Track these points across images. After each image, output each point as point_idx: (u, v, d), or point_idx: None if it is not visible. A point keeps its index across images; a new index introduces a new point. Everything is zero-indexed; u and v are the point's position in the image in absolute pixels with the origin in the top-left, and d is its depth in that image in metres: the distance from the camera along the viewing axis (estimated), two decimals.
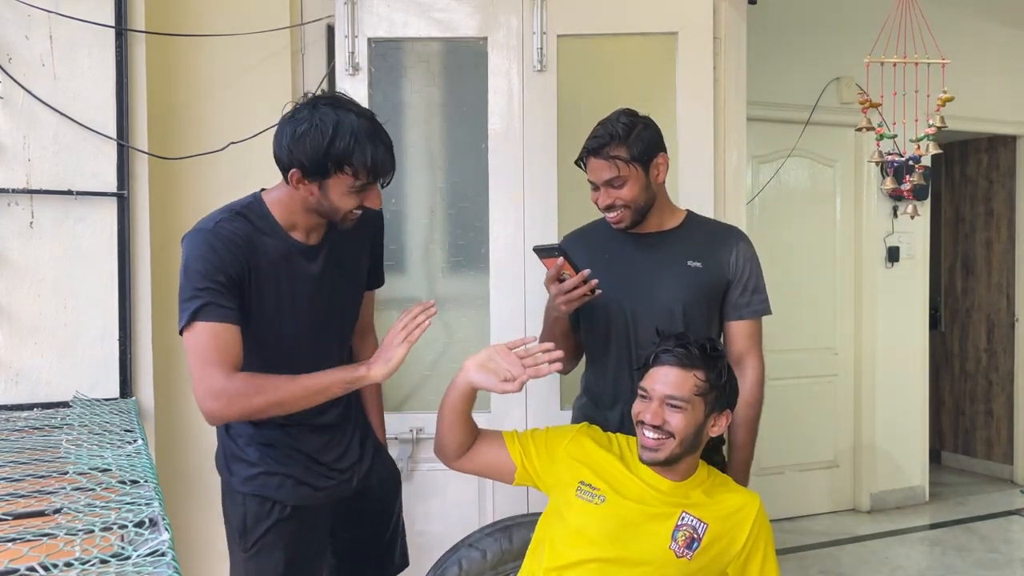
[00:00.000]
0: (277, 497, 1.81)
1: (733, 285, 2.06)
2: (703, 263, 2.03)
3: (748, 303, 2.07)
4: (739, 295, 2.06)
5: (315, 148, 1.59)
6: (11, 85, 2.14)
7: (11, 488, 1.26)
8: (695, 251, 2.05)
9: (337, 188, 1.64)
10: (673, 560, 1.73)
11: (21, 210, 2.16)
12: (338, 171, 1.61)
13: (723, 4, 2.72)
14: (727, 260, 2.06)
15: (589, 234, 2.18)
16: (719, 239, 2.09)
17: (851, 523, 4.60)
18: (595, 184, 2.00)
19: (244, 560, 1.83)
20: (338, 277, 1.82)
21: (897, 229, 4.72)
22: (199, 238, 1.67)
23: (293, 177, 1.65)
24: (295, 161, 1.62)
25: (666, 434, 1.74)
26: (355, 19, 2.61)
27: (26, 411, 2.09)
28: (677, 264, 2.03)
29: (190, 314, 1.61)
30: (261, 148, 2.69)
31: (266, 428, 1.80)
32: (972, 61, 4.75)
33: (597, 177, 1.98)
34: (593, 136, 1.98)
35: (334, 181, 1.63)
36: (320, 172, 1.62)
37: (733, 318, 2.07)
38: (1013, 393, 5.32)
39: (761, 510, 1.83)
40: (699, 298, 2.03)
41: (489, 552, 1.91)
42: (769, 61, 4.20)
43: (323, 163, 1.60)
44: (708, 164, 2.65)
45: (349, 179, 1.62)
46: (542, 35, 2.61)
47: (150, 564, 0.93)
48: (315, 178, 1.63)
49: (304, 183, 1.65)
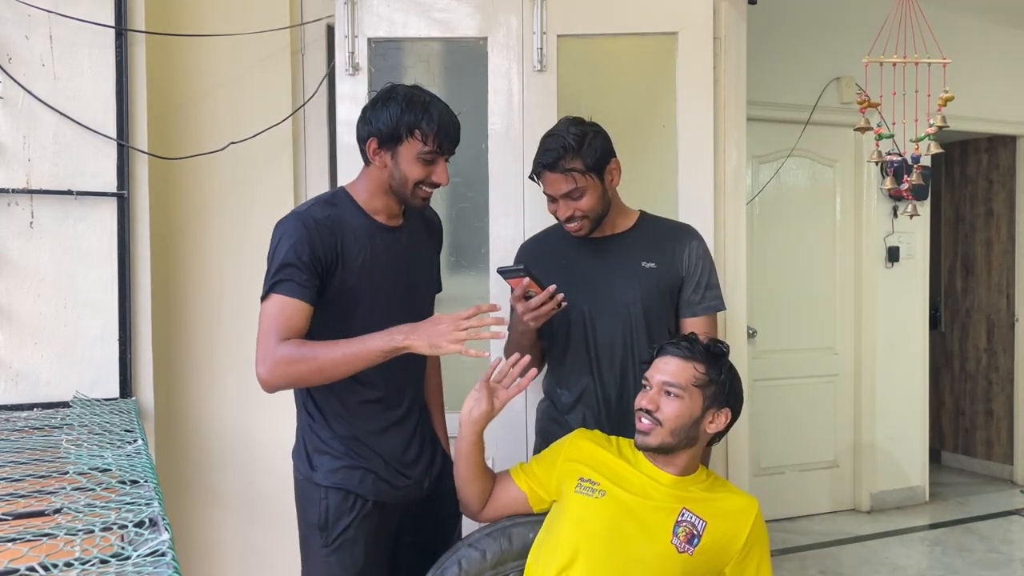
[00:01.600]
0: (359, 491, 1.86)
1: (687, 282, 2.09)
2: (657, 263, 2.07)
3: (701, 299, 2.10)
4: (692, 291, 2.10)
5: (390, 115, 1.79)
6: (11, 85, 2.14)
7: (11, 488, 1.26)
8: (648, 251, 2.08)
9: (407, 154, 1.81)
10: (675, 555, 1.74)
11: (21, 210, 2.16)
12: (409, 136, 1.79)
13: (723, 4, 2.72)
14: (680, 258, 2.09)
15: (545, 241, 2.22)
16: (671, 238, 2.12)
17: (851, 523, 4.60)
18: (553, 197, 2.02)
19: (324, 555, 1.86)
20: (416, 260, 1.97)
21: (897, 229, 4.73)
22: (290, 220, 1.82)
23: (370, 147, 1.83)
24: (372, 131, 1.82)
25: (655, 421, 1.77)
26: (355, 19, 2.61)
27: (26, 411, 2.09)
28: (632, 265, 2.06)
29: (268, 288, 1.77)
30: (261, 148, 2.70)
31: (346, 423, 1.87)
32: (972, 61, 4.76)
33: (555, 190, 2.00)
34: (546, 150, 1.99)
35: (405, 147, 1.80)
36: (394, 138, 1.80)
37: (687, 315, 2.11)
38: (1013, 393, 5.32)
39: (759, 514, 1.84)
40: (655, 297, 2.07)
41: (489, 552, 1.91)
42: (769, 61, 4.20)
43: (396, 129, 1.79)
44: (708, 164, 2.65)
45: (418, 144, 1.80)
46: (542, 35, 2.61)
47: (150, 564, 0.93)
48: (389, 145, 1.81)
49: (380, 153, 1.83)
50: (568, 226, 2.04)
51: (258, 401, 2.03)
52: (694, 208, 2.61)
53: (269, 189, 2.76)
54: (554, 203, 2.03)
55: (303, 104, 2.79)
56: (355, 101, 2.61)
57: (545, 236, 2.24)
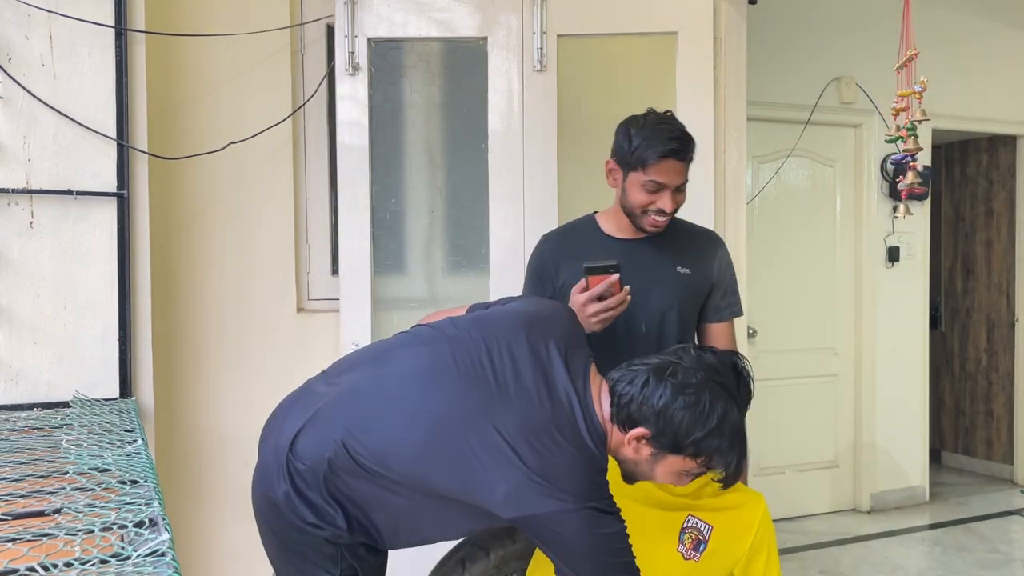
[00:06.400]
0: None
1: (716, 288, 2.10)
2: (691, 269, 2.06)
3: (727, 306, 2.13)
4: (720, 298, 2.11)
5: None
6: (11, 85, 2.14)
7: (11, 488, 1.26)
8: (681, 257, 2.07)
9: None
10: (680, 562, 1.73)
11: (21, 210, 2.16)
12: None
13: (723, 4, 2.72)
14: (711, 265, 2.09)
15: (572, 236, 2.14)
16: (702, 244, 2.12)
17: (851, 523, 4.59)
18: (661, 185, 1.93)
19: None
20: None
21: (897, 229, 4.72)
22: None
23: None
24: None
25: None
26: (355, 19, 2.61)
27: (26, 411, 2.09)
28: (667, 271, 2.04)
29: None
30: (261, 148, 2.70)
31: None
32: (973, 61, 4.76)
33: (671, 179, 1.92)
34: (671, 137, 1.91)
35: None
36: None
37: (713, 320, 2.12)
38: (1013, 393, 5.32)
39: (766, 512, 1.83)
40: (690, 302, 2.07)
41: (493, 552, 1.90)
42: (769, 61, 4.20)
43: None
44: (708, 164, 2.65)
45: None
46: (542, 35, 2.61)
47: (150, 564, 0.93)
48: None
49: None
50: (657, 219, 1.96)
51: (258, 401, 2.03)
52: (694, 208, 2.59)
53: (269, 189, 2.76)
54: (654, 193, 1.93)
55: (303, 104, 2.79)
56: (355, 101, 2.62)
57: (573, 231, 2.16)
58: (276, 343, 2.75)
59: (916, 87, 1.96)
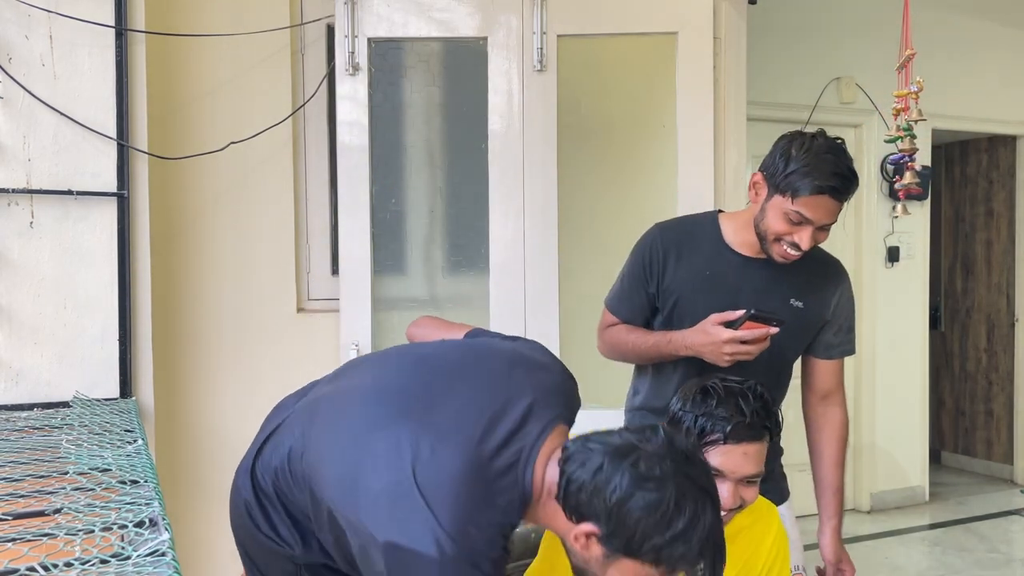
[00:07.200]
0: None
1: (830, 325, 1.93)
2: (805, 303, 1.88)
3: (841, 343, 1.96)
4: (834, 334, 1.95)
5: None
6: (11, 85, 2.14)
7: (11, 488, 1.26)
8: (798, 288, 1.88)
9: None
10: None
11: (21, 210, 2.16)
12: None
13: (723, 4, 2.72)
14: (829, 301, 1.92)
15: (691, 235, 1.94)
16: (823, 276, 1.94)
17: (851, 523, 4.59)
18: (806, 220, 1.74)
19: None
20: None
21: (897, 229, 4.72)
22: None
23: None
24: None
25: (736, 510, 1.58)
26: (355, 19, 2.61)
27: (26, 411, 2.09)
28: (779, 302, 1.84)
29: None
30: (261, 148, 2.70)
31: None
32: (973, 61, 4.75)
33: (819, 218, 1.74)
34: (836, 173, 1.74)
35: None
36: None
37: (822, 356, 1.96)
38: (1013, 393, 5.32)
39: (780, 521, 1.78)
40: (796, 339, 1.90)
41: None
42: (769, 61, 4.20)
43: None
44: (708, 164, 2.65)
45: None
46: (542, 35, 2.61)
47: (150, 564, 0.93)
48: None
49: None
50: (788, 253, 1.78)
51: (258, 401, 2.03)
52: (694, 208, 2.60)
53: (269, 189, 2.76)
54: (796, 225, 1.75)
55: (303, 104, 2.79)
56: (355, 101, 2.62)
57: (693, 228, 1.96)
58: (276, 343, 2.76)
59: (912, 87, 1.96)
